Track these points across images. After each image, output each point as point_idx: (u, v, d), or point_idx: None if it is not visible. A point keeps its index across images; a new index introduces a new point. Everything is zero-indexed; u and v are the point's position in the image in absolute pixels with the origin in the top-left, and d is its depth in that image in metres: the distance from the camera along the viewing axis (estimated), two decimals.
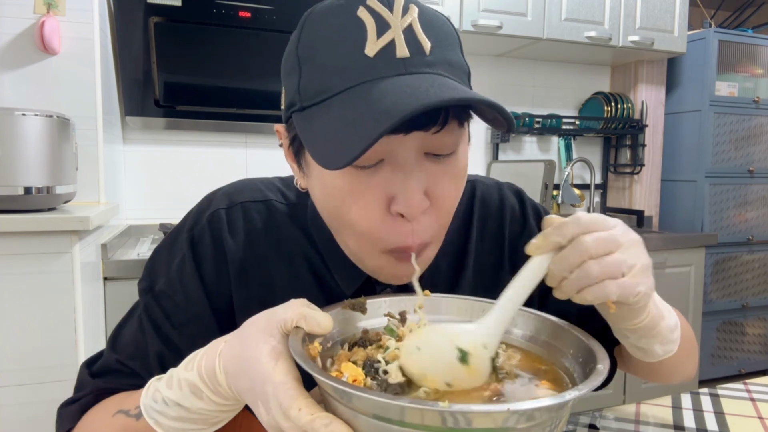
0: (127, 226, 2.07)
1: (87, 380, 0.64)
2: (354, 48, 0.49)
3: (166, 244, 0.66)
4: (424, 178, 0.51)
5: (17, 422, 1.28)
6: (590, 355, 0.45)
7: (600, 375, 0.40)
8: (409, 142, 0.50)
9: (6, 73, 1.56)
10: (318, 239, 0.65)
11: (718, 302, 2.72)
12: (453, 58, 0.52)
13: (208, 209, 0.65)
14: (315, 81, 0.50)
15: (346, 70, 0.48)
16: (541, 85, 2.82)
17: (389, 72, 0.48)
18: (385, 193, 0.51)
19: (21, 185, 1.30)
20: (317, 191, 0.56)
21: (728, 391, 0.86)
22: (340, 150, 0.45)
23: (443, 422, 0.34)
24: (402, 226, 0.52)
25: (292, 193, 0.69)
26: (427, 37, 0.50)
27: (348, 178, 0.51)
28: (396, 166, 0.51)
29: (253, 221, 0.65)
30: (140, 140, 2.14)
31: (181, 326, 0.62)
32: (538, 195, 2.36)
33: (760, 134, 2.79)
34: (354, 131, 0.45)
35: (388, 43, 0.48)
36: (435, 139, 0.51)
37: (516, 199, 0.75)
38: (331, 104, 0.49)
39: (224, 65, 2.00)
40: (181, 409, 0.50)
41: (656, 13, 2.54)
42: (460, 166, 0.55)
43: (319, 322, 0.45)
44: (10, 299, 1.27)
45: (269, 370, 0.43)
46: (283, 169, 0.73)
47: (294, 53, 0.53)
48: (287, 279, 0.64)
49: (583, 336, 0.48)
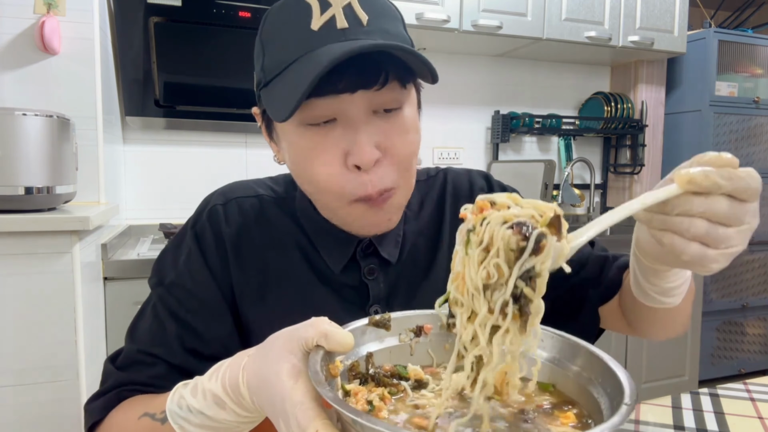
0: (127, 226, 2.07)
1: (111, 371, 0.67)
2: (300, 25, 0.57)
3: (173, 245, 0.72)
4: (373, 131, 0.59)
5: (17, 422, 1.28)
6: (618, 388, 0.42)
7: (625, 414, 0.37)
8: (356, 101, 0.58)
9: (6, 73, 1.56)
10: (306, 225, 0.72)
11: (718, 302, 2.72)
12: (391, 29, 0.60)
13: (207, 207, 0.72)
14: (273, 58, 0.59)
15: (296, 43, 0.57)
16: (541, 85, 2.82)
17: (331, 40, 0.56)
18: (340, 149, 0.59)
19: (21, 185, 1.30)
20: (288, 159, 0.65)
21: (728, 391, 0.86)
22: (285, 104, 0.55)
23: None
24: (360, 177, 0.60)
25: (281, 188, 0.76)
26: (364, 11, 0.58)
27: (306, 137, 0.60)
28: (347, 123, 0.59)
29: (247, 213, 0.72)
30: (140, 140, 2.14)
31: (195, 311, 0.67)
32: (538, 195, 2.35)
33: (760, 134, 2.79)
34: (297, 85, 0.54)
35: (330, 18, 0.57)
36: (379, 96, 0.59)
37: (484, 181, 0.82)
38: (286, 73, 0.57)
39: (224, 65, 2.00)
40: (204, 418, 0.51)
41: (656, 13, 2.54)
42: (408, 121, 0.62)
43: (340, 341, 0.45)
44: (10, 299, 1.27)
45: (288, 389, 0.43)
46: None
47: (258, 40, 0.63)
48: (280, 262, 0.70)
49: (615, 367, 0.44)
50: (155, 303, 0.68)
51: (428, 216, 0.78)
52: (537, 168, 2.41)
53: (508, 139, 2.66)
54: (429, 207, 0.79)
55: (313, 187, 0.63)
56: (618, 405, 0.39)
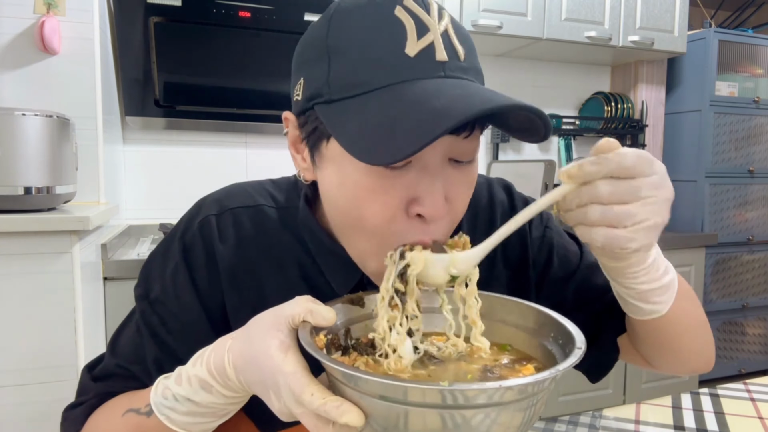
0: (127, 226, 2.07)
1: (89, 384, 0.65)
2: (393, 46, 0.49)
3: (161, 251, 0.67)
4: (445, 183, 0.52)
5: (17, 422, 1.28)
6: (569, 337, 0.48)
7: (578, 353, 0.43)
8: (438, 147, 0.50)
9: (6, 73, 1.56)
10: (310, 242, 0.65)
11: (718, 302, 2.72)
12: (479, 67, 0.54)
13: (198, 216, 0.65)
14: (348, 74, 0.50)
15: (385, 66, 0.48)
16: (541, 85, 2.82)
17: (429, 73, 0.49)
18: (408, 195, 0.51)
19: (21, 185, 1.30)
20: (332, 186, 0.55)
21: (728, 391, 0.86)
22: (387, 146, 0.44)
23: (443, 400, 0.38)
24: (418, 227, 0.52)
25: (283, 195, 0.68)
26: (460, 44, 0.51)
27: (373, 176, 0.51)
28: (423, 169, 0.51)
29: (243, 228, 0.65)
30: (140, 140, 2.14)
31: (177, 333, 0.63)
32: (538, 195, 2.35)
33: (760, 134, 2.79)
34: (403, 128, 0.44)
35: (428, 45, 0.49)
36: (461, 145, 0.52)
37: (505, 193, 0.77)
38: (368, 99, 0.48)
39: (224, 65, 2.00)
40: (191, 404, 0.52)
41: (656, 13, 2.54)
42: (474, 174, 0.57)
43: (324, 315, 0.47)
44: (10, 299, 1.27)
45: (279, 361, 0.45)
46: (282, 170, 0.73)
47: (322, 42, 0.52)
48: (278, 284, 0.65)
49: (564, 321, 0.51)
50: (138, 318, 0.65)
51: None
52: (537, 168, 2.41)
53: (508, 139, 2.66)
54: None
55: (360, 226, 0.54)
56: (570, 351, 0.44)
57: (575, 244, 0.77)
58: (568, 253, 0.75)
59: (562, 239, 0.76)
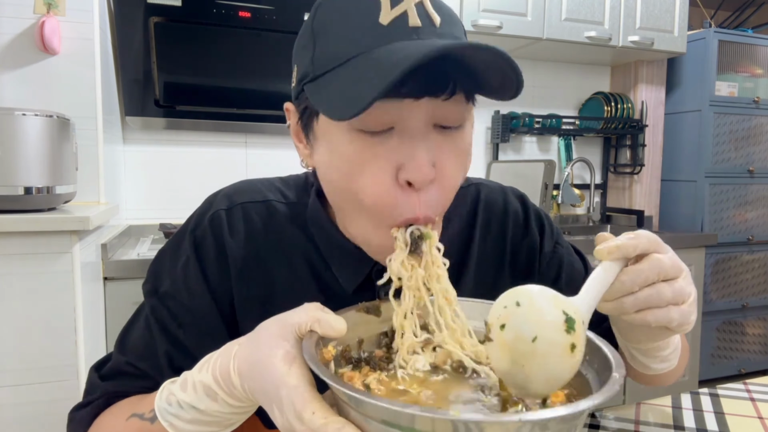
0: (127, 226, 2.07)
1: (97, 383, 0.64)
2: (368, 17, 0.50)
3: (170, 247, 0.67)
4: (432, 147, 0.52)
5: (17, 422, 1.28)
6: (605, 362, 0.43)
7: (615, 384, 0.39)
8: (419, 110, 0.51)
9: (6, 73, 1.56)
10: (318, 238, 0.65)
11: (718, 302, 2.72)
12: (460, 36, 0.54)
13: (209, 210, 0.66)
14: (328, 51, 0.52)
15: (360, 37, 0.50)
16: (541, 85, 2.82)
17: (401, 37, 0.49)
18: (394, 161, 0.51)
19: (21, 185, 1.30)
20: (325, 165, 0.56)
21: (728, 391, 0.86)
22: (350, 102, 0.45)
23: (454, 430, 0.34)
24: (410, 197, 0.52)
25: (292, 192, 0.69)
26: (436, 13, 0.52)
27: (357, 144, 0.52)
28: (405, 133, 0.51)
29: (252, 222, 0.65)
30: (140, 140, 2.14)
31: (188, 326, 0.63)
32: (538, 195, 2.35)
33: (760, 134, 2.79)
34: (363, 83, 0.46)
35: (402, 13, 0.50)
36: (443, 108, 0.51)
37: (519, 204, 0.76)
38: (345, 67, 0.50)
39: (224, 65, 2.00)
40: (195, 412, 0.50)
41: (656, 13, 2.54)
42: (466, 142, 0.56)
43: (333, 325, 0.45)
44: (10, 299, 1.27)
45: (283, 374, 0.43)
46: (283, 170, 0.73)
47: (309, 29, 0.54)
48: (287, 278, 0.65)
49: (599, 342, 0.46)
50: (147, 314, 0.64)
51: (456, 234, 0.71)
52: (537, 168, 2.41)
53: (508, 139, 2.66)
54: (457, 224, 0.71)
55: (356, 202, 0.54)
56: (606, 378, 0.40)
57: (581, 263, 0.78)
58: (574, 272, 0.75)
59: (571, 257, 0.77)
